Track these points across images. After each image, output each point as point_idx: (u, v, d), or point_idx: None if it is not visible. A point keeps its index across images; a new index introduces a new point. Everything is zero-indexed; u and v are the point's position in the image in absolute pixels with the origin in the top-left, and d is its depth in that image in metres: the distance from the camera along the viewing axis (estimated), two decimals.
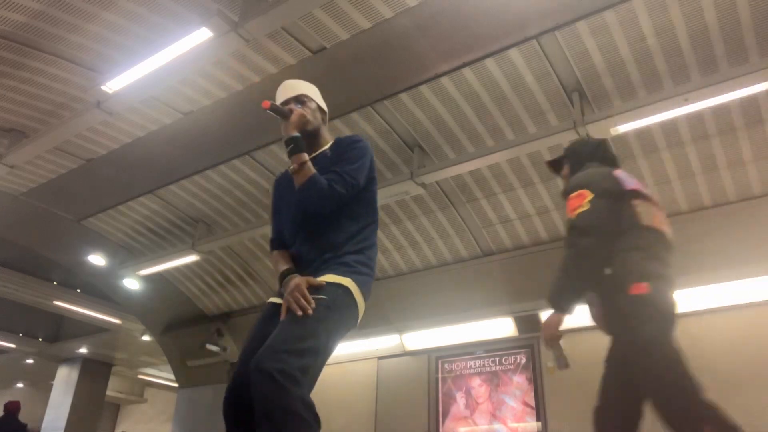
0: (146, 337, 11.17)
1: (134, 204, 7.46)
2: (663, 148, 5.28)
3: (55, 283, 10.67)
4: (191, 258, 7.62)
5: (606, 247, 2.24)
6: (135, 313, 9.93)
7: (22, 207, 7.39)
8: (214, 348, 8.78)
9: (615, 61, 4.71)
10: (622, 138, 5.18)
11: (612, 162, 2.59)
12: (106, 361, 14.16)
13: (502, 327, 6.65)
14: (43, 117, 5.88)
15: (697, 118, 4.93)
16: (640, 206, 2.33)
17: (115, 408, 18.64)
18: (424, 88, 5.20)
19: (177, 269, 8.34)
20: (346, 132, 5.81)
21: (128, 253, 8.37)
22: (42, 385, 15.56)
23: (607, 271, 2.26)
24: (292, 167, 1.95)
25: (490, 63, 4.87)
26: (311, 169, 1.94)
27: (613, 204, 2.29)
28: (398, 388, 7.30)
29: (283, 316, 1.77)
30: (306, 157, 1.95)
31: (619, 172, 2.43)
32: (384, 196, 5.97)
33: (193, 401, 9.49)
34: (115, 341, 12.69)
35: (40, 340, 13.08)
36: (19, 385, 17.27)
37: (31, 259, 9.47)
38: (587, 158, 2.58)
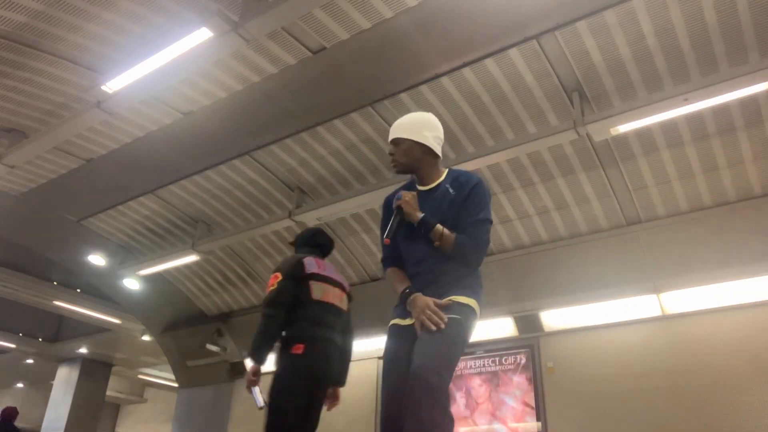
0: (146, 337, 11.17)
1: (134, 204, 7.46)
2: (663, 148, 5.28)
3: (55, 283, 10.67)
4: (191, 258, 7.61)
5: (285, 316, 3.08)
6: (135, 313, 9.92)
7: (22, 207, 7.39)
8: (214, 348, 8.79)
9: (615, 61, 4.70)
10: (622, 138, 5.18)
11: (322, 248, 3.52)
12: (106, 361, 14.16)
13: (502, 327, 6.65)
14: (43, 117, 5.88)
15: (697, 118, 4.93)
16: (314, 286, 3.20)
17: (115, 408, 18.64)
18: (424, 88, 5.20)
19: (177, 269, 8.34)
20: (346, 132, 5.82)
21: (128, 253, 8.37)
22: (42, 385, 15.56)
23: (283, 333, 3.10)
24: (435, 243, 2.13)
25: (490, 63, 4.87)
26: (450, 235, 2.12)
27: (294, 284, 3.15)
28: None
29: (419, 333, 2.01)
30: (440, 227, 2.12)
31: (307, 259, 3.28)
32: (384, 196, 5.96)
33: (193, 401, 9.49)
34: (115, 341, 12.68)
35: (40, 340, 13.07)
36: (19, 385, 17.28)
37: (31, 259, 9.47)
38: (301, 244, 3.52)
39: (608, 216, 5.94)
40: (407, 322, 2.15)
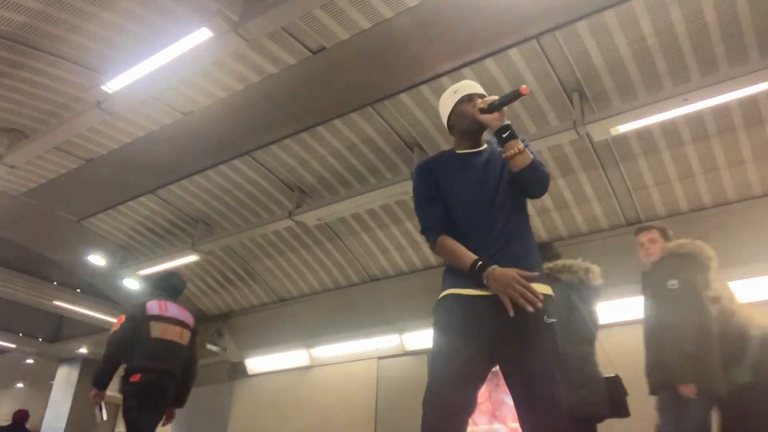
0: None
1: (134, 204, 7.46)
2: (663, 148, 5.28)
3: (55, 283, 10.65)
4: (191, 258, 7.61)
5: (126, 351, 3.84)
6: None
7: (22, 207, 7.39)
8: (214, 348, 8.78)
9: (615, 61, 4.70)
10: (622, 138, 5.18)
11: (173, 289, 4.26)
12: None
13: None
14: (43, 117, 5.88)
15: (697, 118, 4.93)
16: (153, 326, 3.88)
17: (115, 408, 18.62)
18: (424, 88, 5.20)
19: (177, 269, 8.34)
20: (346, 132, 5.82)
21: (128, 253, 8.37)
22: (42, 385, 15.54)
23: (125, 365, 3.88)
24: (512, 151, 1.96)
25: (490, 63, 4.87)
26: (529, 153, 1.98)
27: (135, 325, 3.84)
28: (398, 388, 7.28)
29: (511, 312, 1.77)
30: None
31: (150, 303, 3.96)
32: (384, 196, 5.97)
33: (193, 401, 9.47)
34: None
35: (40, 340, 13.05)
36: (19, 385, 17.27)
37: (31, 259, 9.45)
38: (155, 287, 4.27)
39: (608, 216, 5.94)
40: (481, 292, 1.84)
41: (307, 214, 6.40)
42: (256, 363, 8.80)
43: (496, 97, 2.04)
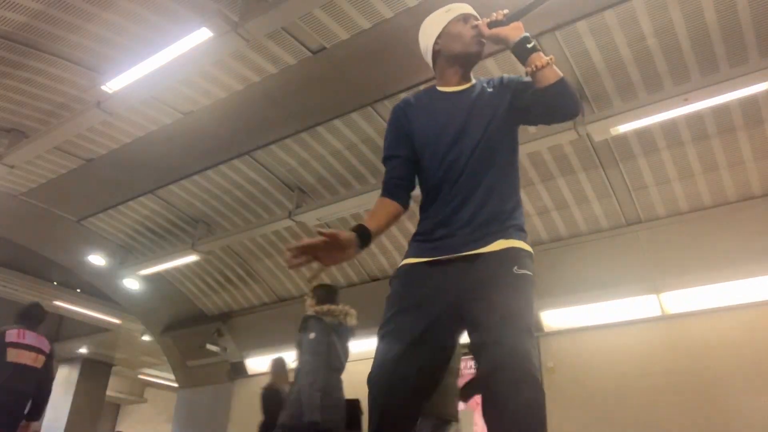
0: (146, 337, 11.17)
1: (134, 204, 7.46)
2: (663, 148, 5.28)
3: (55, 283, 10.66)
4: (191, 258, 7.62)
5: None
6: (135, 313, 9.92)
7: (22, 207, 7.39)
8: (214, 348, 8.77)
9: (615, 61, 4.70)
10: (622, 138, 5.18)
11: (35, 318, 4.79)
12: (106, 361, 14.14)
13: None
14: (43, 117, 5.88)
15: (697, 118, 4.93)
16: (10, 351, 4.43)
17: (115, 408, 18.63)
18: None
19: (177, 269, 8.34)
20: (346, 132, 5.82)
21: (128, 253, 8.36)
22: None
23: None
24: (541, 61, 1.64)
25: (490, 63, 4.87)
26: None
27: None
28: None
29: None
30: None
31: (9, 331, 4.51)
32: None
33: (193, 401, 9.49)
34: (115, 341, 12.68)
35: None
36: None
37: (31, 259, 9.46)
38: (17, 315, 4.75)
39: (608, 216, 5.94)
40: (437, 257, 1.61)
41: (307, 214, 6.40)
42: (256, 363, 8.79)
43: (505, 11, 1.75)
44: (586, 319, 6.16)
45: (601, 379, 5.79)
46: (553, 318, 6.38)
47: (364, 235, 1.63)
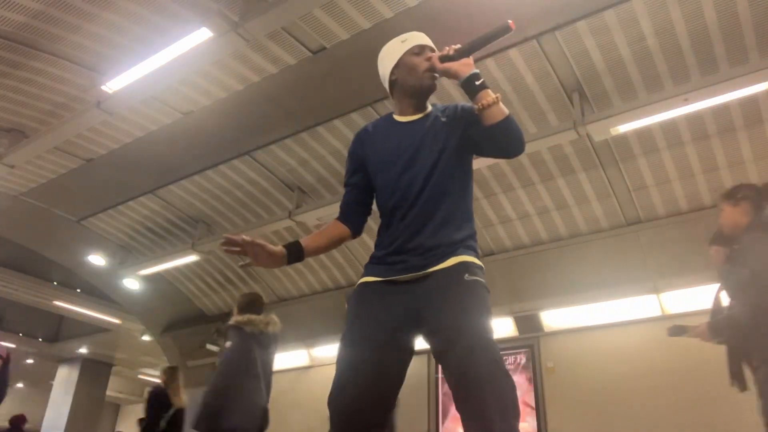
0: (146, 337, 11.17)
1: (134, 204, 7.46)
2: (663, 148, 5.28)
3: (55, 283, 10.67)
4: (191, 258, 7.61)
5: None
6: (135, 313, 9.92)
7: (22, 207, 7.39)
8: (214, 348, 8.76)
9: (615, 61, 4.70)
10: (622, 138, 5.18)
11: None
12: (106, 361, 14.16)
13: (502, 327, 6.65)
14: (43, 117, 5.88)
15: (697, 118, 4.93)
16: None
17: (115, 408, 18.66)
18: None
19: (177, 269, 8.34)
20: (346, 132, 5.82)
21: (128, 253, 8.37)
22: (42, 385, 15.55)
23: None
24: (488, 99, 1.65)
25: (490, 63, 4.87)
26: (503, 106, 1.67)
27: None
28: None
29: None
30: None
31: None
32: None
33: (192, 401, 9.48)
34: (115, 341, 12.69)
35: (40, 340, 13.07)
36: (19, 385, 17.27)
37: (31, 259, 9.47)
38: None
39: (608, 216, 5.94)
40: (392, 277, 1.66)
41: (307, 214, 6.40)
42: None
43: (457, 45, 1.74)
44: (586, 319, 6.16)
45: (601, 379, 5.79)
46: (553, 318, 6.38)
47: (296, 251, 1.75)
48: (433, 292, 1.60)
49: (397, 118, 1.90)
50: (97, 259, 8.35)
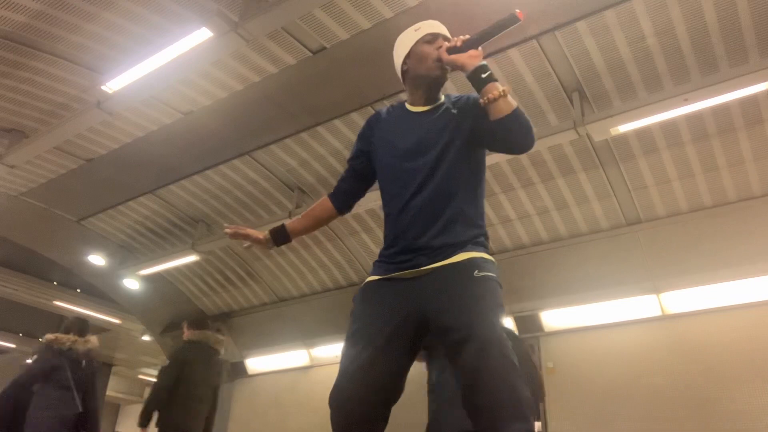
0: (146, 337, 11.17)
1: (134, 204, 7.46)
2: (663, 148, 5.28)
3: (55, 283, 10.66)
4: (191, 258, 7.61)
5: None
6: (135, 313, 9.92)
7: (22, 207, 7.39)
8: None
9: (615, 61, 4.70)
10: (622, 138, 5.18)
11: None
12: (106, 361, 14.15)
13: None
14: (43, 117, 5.88)
15: (697, 118, 4.93)
16: None
17: (115, 408, 18.64)
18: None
19: (177, 269, 8.34)
20: (346, 132, 5.82)
21: (128, 253, 8.37)
22: None
23: None
24: (495, 93, 1.63)
25: (490, 63, 4.84)
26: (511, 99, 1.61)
27: None
28: None
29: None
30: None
31: None
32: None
33: None
34: (115, 341, 12.68)
35: (40, 340, 13.05)
36: None
37: (31, 259, 9.46)
38: None
39: (608, 216, 5.94)
40: (405, 273, 1.62)
41: None
42: (256, 363, 8.80)
43: (466, 36, 1.71)
44: (586, 319, 6.16)
45: (601, 379, 5.80)
46: (553, 318, 6.38)
47: (281, 235, 1.97)
48: (440, 288, 1.56)
49: (409, 107, 1.87)
50: (97, 259, 8.35)
